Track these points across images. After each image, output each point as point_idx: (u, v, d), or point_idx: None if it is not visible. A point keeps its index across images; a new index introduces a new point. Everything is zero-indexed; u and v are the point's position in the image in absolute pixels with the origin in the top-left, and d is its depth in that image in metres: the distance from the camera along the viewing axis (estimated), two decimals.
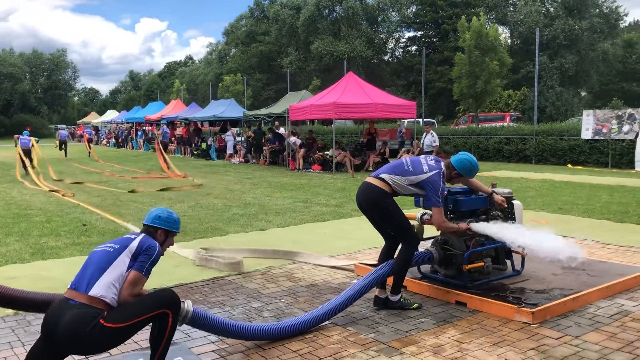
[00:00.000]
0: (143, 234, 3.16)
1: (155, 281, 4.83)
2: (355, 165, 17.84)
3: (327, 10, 51.24)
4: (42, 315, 2.94)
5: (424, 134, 16.44)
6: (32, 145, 18.40)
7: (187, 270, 5.73)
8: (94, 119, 57.79)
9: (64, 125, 74.10)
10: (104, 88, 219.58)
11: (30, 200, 11.32)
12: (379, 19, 51.87)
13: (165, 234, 3.27)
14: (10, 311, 4.22)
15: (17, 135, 19.97)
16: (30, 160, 17.78)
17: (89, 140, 32.23)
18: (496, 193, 4.65)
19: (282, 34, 52.68)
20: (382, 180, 4.16)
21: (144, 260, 2.96)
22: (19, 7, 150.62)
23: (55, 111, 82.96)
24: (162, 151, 21.24)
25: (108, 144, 42.20)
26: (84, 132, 42.70)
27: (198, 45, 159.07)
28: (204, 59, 76.86)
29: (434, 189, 4.03)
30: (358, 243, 6.79)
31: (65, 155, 26.56)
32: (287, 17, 51.93)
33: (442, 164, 4.21)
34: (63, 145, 27.20)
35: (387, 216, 4.13)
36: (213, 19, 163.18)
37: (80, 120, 63.93)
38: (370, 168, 17.83)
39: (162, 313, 2.90)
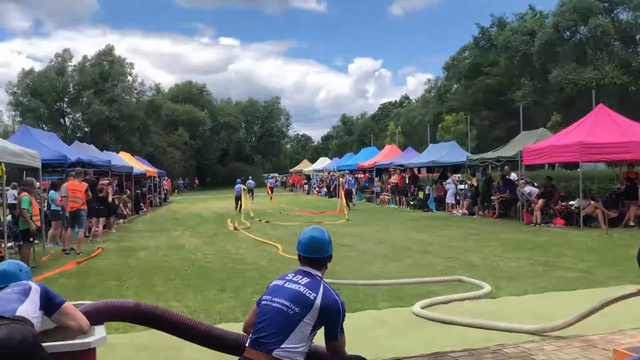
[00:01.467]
0: (319, 284, 3.42)
1: (366, 351, 4.91)
2: (611, 219, 16.25)
3: (568, 33, 48.88)
4: None
5: None
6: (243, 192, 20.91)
7: (402, 341, 5.72)
8: (305, 167, 62.60)
9: (276, 174, 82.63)
10: (316, 134, 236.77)
11: (244, 255, 12.62)
12: (638, 37, 47.66)
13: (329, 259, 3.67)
14: None
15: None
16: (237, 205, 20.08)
17: (271, 189, 42.21)
18: None
19: (513, 63, 51.58)
20: None
21: (333, 329, 3.34)
22: (236, 56, 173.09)
23: (268, 159, 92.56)
24: (344, 198, 26.55)
25: (319, 193, 45.23)
26: (268, 182, 46.92)
27: (415, 83, 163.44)
28: (421, 97, 78.75)
29: None
30: (617, 320, 6.10)
31: (236, 208, 27.67)
32: (520, 44, 50.76)
33: None
34: (238, 201, 28.16)
35: None
36: (431, 52, 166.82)
37: (292, 169, 69.99)
38: (631, 223, 16.10)
39: None
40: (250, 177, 40.67)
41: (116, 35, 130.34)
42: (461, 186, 25.10)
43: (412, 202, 27.18)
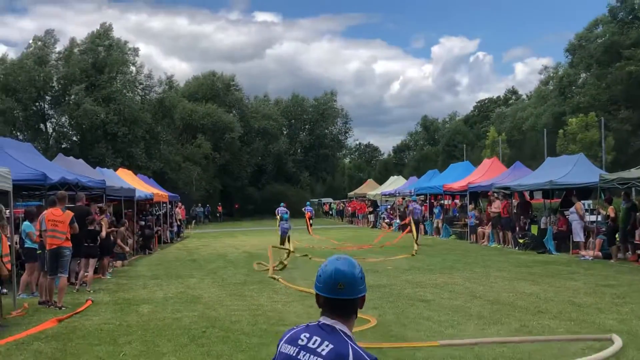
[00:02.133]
0: (347, 348, 3.34)
1: None
2: None
3: None
4: None
5: None
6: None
7: None
8: (371, 189, 62.16)
9: (330, 199, 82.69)
10: (385, 144, 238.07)
11: (283, 312, 12.69)
12: None
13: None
14: None
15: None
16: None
17: (310, 218, 45.44)
18: None
19: None
20: None
21: None
22: (276, 37, 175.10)
23: (319, 178, 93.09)
24: (413, 227, 28.87)
25: (390, 227, 44.50)
26: (307, 210, 47.95)
27: (525, 72, 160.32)
28: (534, 92, 77.88)
29: None
30: None
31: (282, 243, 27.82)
32: None
33: None
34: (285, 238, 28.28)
35: None
36: (549, 29, 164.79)
37: (352, 192, 70.07)
38: None
39: None
40: (281, 203, 40.77)
41: (115, 10, 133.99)
42: (592, 217, 24.64)
43: (521, 240, 26.83)
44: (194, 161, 70.54)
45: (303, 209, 50.40)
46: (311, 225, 44.35)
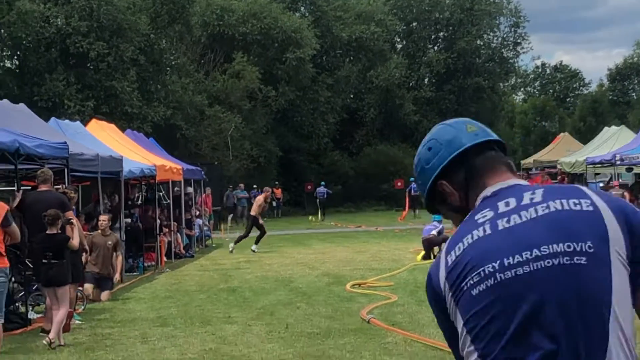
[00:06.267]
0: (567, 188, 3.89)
1: None
2: None
3: None
4: None
5: None
6: None
7: None
8: (565, 152, 61.83)
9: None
10: (596, 65, 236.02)
11: None
12: None
13: None
14: None
15: None
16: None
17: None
18: None
19: None
20: None
21: None
22: None
23: None
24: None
25: None
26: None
27: None
28: None
29: None
30: None
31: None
32: None
33: None
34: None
35: None
36: None
37: (530, 159, 69.77)
38: None
39: None
40: (322, 183, 40.96)
41: None
42: None
43: None
44: (229, 104, 71.25)
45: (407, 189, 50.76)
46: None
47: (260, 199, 38.72)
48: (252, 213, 38.36)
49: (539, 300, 3.53)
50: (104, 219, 25.19)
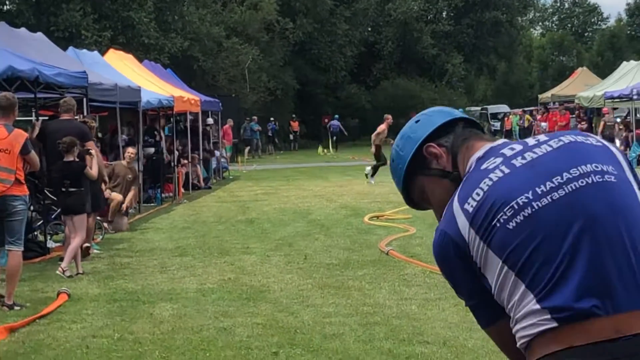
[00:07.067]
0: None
1: None
2: None
3: None
4: None
5: None
6: None
7: None
8: (583, 86, 61.79)
9: (504, 108, 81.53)
10: (611, 2, 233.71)
11: (419, 318, 12.71)
12: None
13: None
14: None
15: None
16: None
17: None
18: None
19: None
20: None
21: None
22: None
23: (480, 68, 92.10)
24: None
25: None
26: None
27: None
28: None
29: None
30: None
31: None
32: None
33: None
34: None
35: None
36: None
37: (548, 93, 69.50)
38: None
39: None
40: (336, 116, 40.72)
41: None
42: None
43: None
44: (246, 36, 71.04)
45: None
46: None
47: (382, 127, 38.07)
48: (377, 142, 37.82)
49: (582, 219, 3.59)
50: (131, 151, 25.31)
